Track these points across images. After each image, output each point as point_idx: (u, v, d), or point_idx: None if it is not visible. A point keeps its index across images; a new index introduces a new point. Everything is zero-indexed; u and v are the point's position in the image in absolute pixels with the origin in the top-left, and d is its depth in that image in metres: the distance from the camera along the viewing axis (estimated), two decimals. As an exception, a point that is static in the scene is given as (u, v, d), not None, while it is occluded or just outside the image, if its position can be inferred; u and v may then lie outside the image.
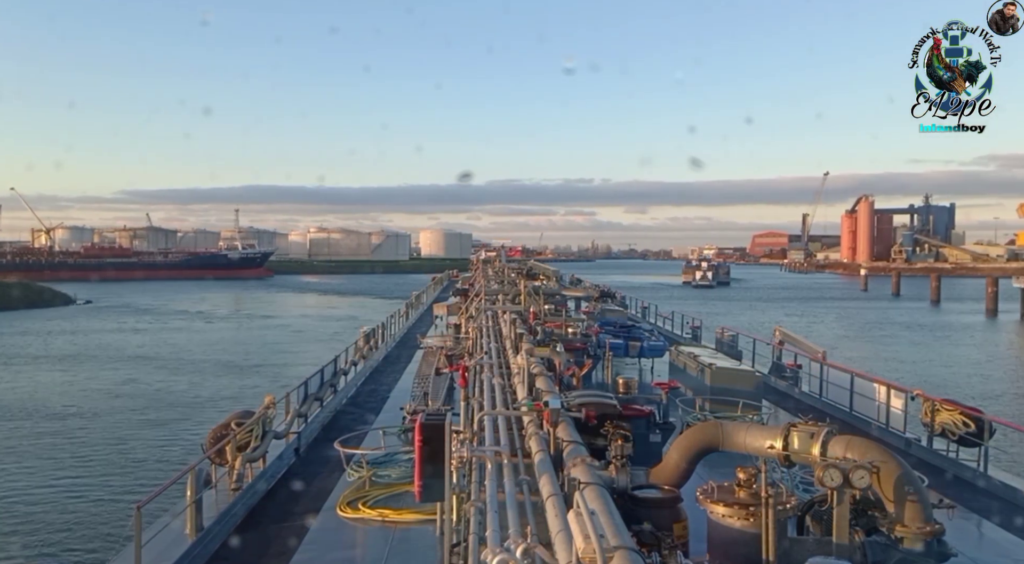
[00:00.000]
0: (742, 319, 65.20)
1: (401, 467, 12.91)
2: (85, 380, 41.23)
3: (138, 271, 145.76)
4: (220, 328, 69.75)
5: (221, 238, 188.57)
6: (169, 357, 49.53)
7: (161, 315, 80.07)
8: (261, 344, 57.01)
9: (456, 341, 24.31)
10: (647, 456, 9.06)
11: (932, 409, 15.33)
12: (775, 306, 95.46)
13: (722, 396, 17.04)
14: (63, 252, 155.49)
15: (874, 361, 45.74)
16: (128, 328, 67.51)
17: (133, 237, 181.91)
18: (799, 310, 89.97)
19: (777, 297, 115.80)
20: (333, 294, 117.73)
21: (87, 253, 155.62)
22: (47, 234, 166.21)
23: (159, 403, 34.93)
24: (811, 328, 65.69)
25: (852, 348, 54.58)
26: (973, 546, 10.52)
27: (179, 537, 10.57)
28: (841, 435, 7.14)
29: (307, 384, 18.34)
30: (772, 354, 25.49)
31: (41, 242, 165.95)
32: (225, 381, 40.67)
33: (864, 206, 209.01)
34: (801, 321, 72.33)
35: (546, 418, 8.65)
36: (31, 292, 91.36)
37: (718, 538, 7.11)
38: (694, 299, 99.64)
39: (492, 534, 5.70)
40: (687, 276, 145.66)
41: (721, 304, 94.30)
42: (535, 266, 53.71)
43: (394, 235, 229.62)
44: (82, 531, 19.08)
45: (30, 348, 53.87)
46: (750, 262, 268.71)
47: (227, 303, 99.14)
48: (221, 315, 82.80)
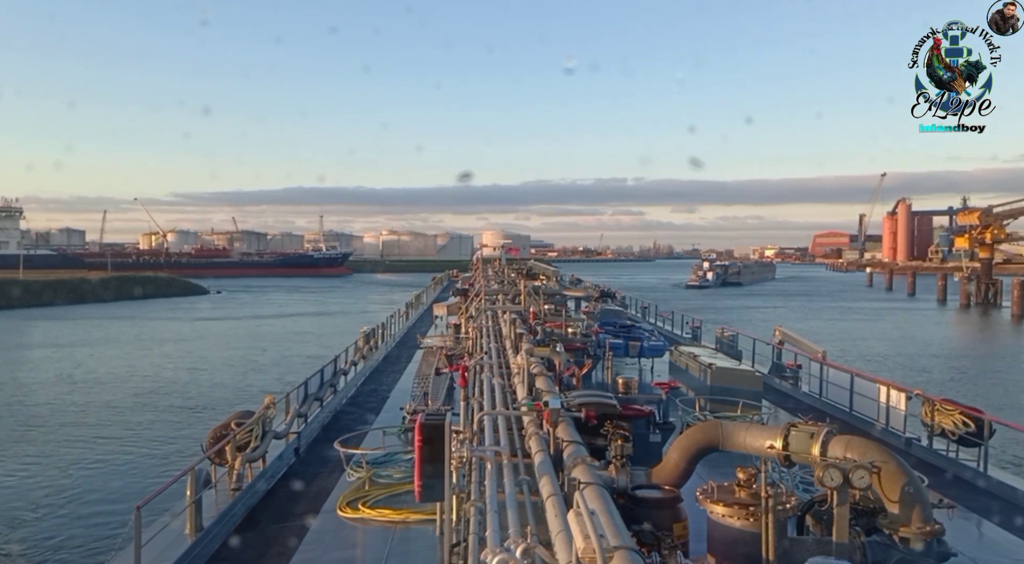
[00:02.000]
0: (710, 314, 69.32)
1: (401, 467, 12.90)
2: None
3: (238, 269, 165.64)
4: (344, 307, 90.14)
5: (306, 240, 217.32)
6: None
7: (284, 301, 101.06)
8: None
9: (456, 341, 24.32)
10: (647, 456, 9.05)
11: (932, 409, 15.34)
12: (764, 303, 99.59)
13: (722, 396, 17.02)
14: (177, 253, 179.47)
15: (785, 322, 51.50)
16: (273, 310, 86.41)
17: (231, 239, 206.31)
18: (781, 304, 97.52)
19: (780, 293, 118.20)
20: (409, 288, 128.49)
21: (197, 254, 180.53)
22: (164, 237, 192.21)
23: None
24: (774, 313, 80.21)
25: (783, 321, 57.13)
26: (973, 546, 10.51)
27: (179, 537, 10.57)
28: (841, 435, 7.13)
29: (307, 384, 18.34)
30: (772, 354, 25.49)
31: (151, 244, 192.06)
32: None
33: (902, 208, 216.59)
34: (772, 311, 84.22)
35: (546, 418, 8.64)
36: (177, 284, 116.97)
37: (718, 538, 7.11)
38: (680, 299, 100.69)
39: (492, 534, 5.70)
40: (694, 278, 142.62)
41: (702, 301, 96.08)
42: (535, 266, 53.72)
43: (457, 237, 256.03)
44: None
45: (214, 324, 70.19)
46: (807, 262, 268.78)
47: (330, 292, 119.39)
48: (334, 300, 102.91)
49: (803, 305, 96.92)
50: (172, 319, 77.00)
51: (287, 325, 69.90)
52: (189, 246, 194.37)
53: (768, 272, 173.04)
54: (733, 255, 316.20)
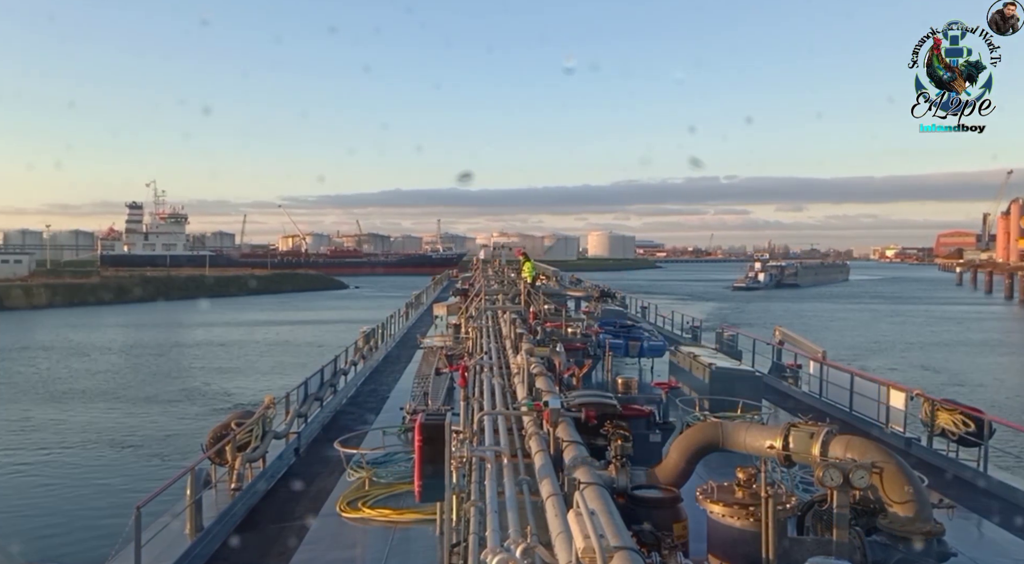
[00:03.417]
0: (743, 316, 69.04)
1: (401, 467, 12.89)
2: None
3: (366, 268, 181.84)
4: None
5: (424, 242, 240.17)
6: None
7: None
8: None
9: (456, 341, 24.30)
10: (647, 456, 9.05)
11: (932, 409, 15.34)
12: (802, 307, 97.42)
13: (722, 396, 17.01)
14: (315, 253, 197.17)
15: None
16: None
17: (359, 241, 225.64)
18: (819, 308, 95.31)
19: (838, 296, 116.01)
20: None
21: (332, 254, 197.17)
22: (303, 239, 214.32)
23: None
24: (790, 318, 76.91)
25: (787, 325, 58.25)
26: (973, 546, 10.51)
27: (179, 537, 10.56)
28: (841, 435, 7.13)
29: (307, 384, 18.33)
30: (772, 354, 25.49)
31: (290, 245, 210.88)
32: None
33: (1015, 208, 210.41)
34: (795, 316, 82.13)
35: (546, 418, 8.64)
36: (323, 280, 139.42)
37: (718, 538, 7.11)
38: (717, 301, 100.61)
39: (492, 534, 5.70)
40: (742, 279, 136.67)
41: (738, 305, 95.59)
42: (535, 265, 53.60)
43: (563, 238, 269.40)
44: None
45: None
46: (926, 262, 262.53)
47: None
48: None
49: (849, 308, 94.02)
50: (342, 308, 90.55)
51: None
52: (324, 247, 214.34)
53: (838, 273, 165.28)
54: (852, 255, 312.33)
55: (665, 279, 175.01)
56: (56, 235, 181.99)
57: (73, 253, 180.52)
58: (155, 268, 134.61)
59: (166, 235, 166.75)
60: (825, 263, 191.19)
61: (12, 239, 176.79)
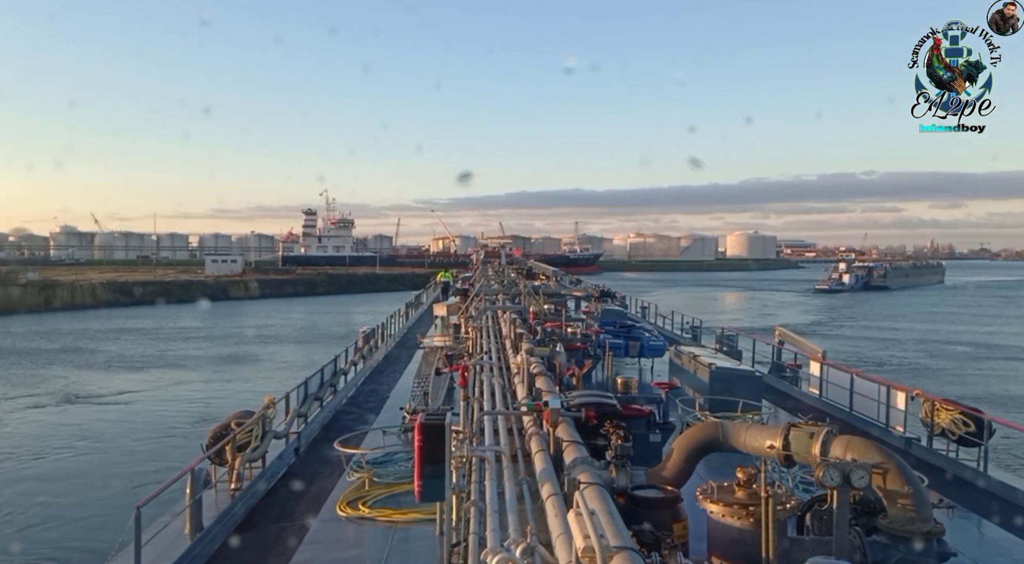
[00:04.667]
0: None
1: (401, 467, 12.90)
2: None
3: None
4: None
5: (563, 243, 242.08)
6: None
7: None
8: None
9: (456, 341, 24.29)
10: (647, 456, 9.05)
11: (932, 409, 15.34)
12: (891, 312, 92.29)
13: (722, 396, 17.01)
14: (464, 254, 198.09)
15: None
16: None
17: (503, 244, 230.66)
18: (902, 313, 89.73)
19: (930, 299, 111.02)
20: (654, 282, 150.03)
21: (486, 255, 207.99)
22: (453, 241, 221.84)
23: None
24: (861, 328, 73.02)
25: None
26: (973, 546, 10.51)
27: (178, 537, 10.56)
28: (841, 435, 7.12)
29: (307, 384, 18.32)
30: (772, 354, 25.48)
31: (440, 247, 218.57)
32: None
33: None
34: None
35: (546, 418, 8.64)
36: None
37: (718, 538, 7.11)
38: (793, 306, 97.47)
39: (492, 534, 5.70)
40: (823, 282, 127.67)
41: (803, 310, 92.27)
42: (535, 266, 53.69)
43: (700, 238, 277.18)
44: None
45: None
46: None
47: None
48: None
49: (933, 311, 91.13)
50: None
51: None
52: (470, 248, 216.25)
53: (932, 274, 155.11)
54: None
55: (779, 280, 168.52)
56: (245, 238, 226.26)
57: (257, 254, 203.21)
58: (334, 267, 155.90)
59: (336, 238, 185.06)
60: (917, 264, 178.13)
61: (207, 242, 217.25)
